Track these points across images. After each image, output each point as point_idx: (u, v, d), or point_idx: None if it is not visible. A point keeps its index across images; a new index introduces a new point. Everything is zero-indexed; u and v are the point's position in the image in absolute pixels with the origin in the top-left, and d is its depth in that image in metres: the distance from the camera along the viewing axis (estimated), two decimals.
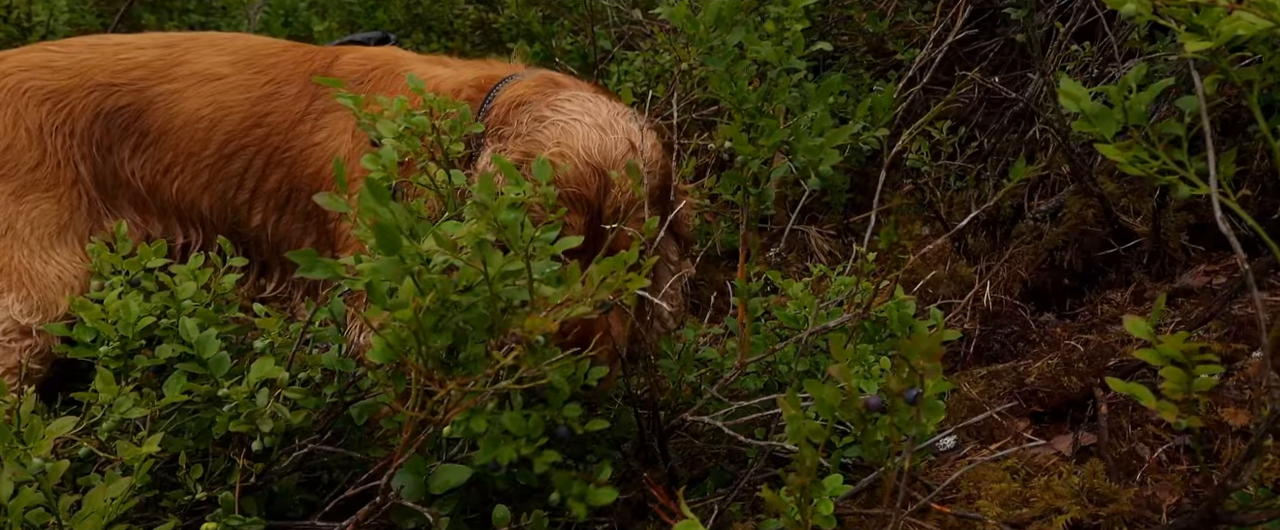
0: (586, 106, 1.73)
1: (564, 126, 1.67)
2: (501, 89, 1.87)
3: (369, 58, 2.12)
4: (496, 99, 1.85)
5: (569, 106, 1.73)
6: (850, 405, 1.26)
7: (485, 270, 1.19)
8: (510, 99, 1.83)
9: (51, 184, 1.93)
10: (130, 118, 2.01)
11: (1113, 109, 1.30)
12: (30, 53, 2.07)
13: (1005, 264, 2.53)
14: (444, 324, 1.26)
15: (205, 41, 2.15)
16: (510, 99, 1.83)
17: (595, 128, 1.67)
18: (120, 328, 1.58)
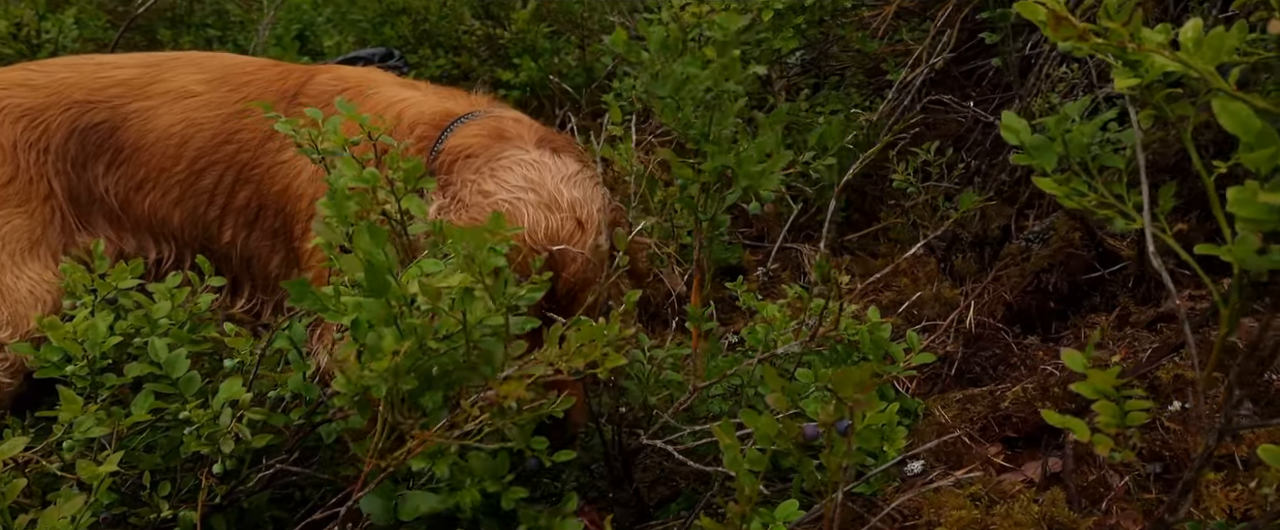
0: (530, 175, 1.73)
1: (510, 207, 1.68)
2: (454, 130, 1.88)
3: (342, 79, 2.14)
4: (446, 142, 1.86)
5: (511, 177, 1.72)
6: (786, 435, 1.26)
7: (464, 319, 1.21)
8: (458, 147, 1.83)
9: (24, 199, 1.98)
10: (105, 134, 2.05)
11: (1054, 142, 1.29)
12: (9, 72, 2.12)
13: (991, 286, 2.52)
14: (417, 367, 1.28)
15: (185, 60, 2.19)
16: (458, 147, 1.83)
17: (541, 207, 1.67)
18: (88, 347, 1.61)
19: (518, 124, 1.90)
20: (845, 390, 1.18)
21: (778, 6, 2.67)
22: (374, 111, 2.01)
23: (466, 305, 1.20)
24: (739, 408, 1.92)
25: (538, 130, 1.90)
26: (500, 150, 1.80)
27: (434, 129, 1.90)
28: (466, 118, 1.91)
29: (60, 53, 3.52)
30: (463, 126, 1.88)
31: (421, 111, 1.97)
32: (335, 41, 4.53)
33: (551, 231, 1.66)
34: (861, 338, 2.01)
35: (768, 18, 2.66)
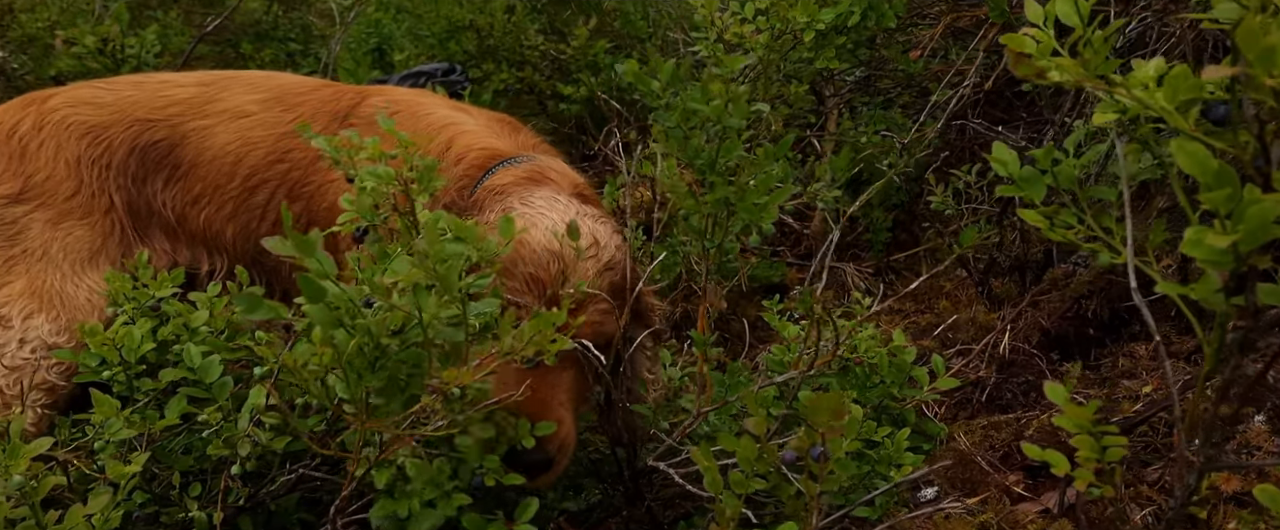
0: (554, 205, 1.79)
1: (529, 218, 1.73)
2: (495, 172, 1.93)
3: (394, 101, 2.22)
4: (485, 183, 1.92)
5: (537, 203, 1.78)
6: (766, 460, 1.28)
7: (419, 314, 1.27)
8: (494, 186, 1.89)
9: (86, 212, 2.10)
10: (164, 151, 2.17)
11: (1045, 174, 1.29)
12: (80, 89, 2.25)
13: (1029, 311, 2.47)
14: (380, 365, 1.34)
15: (242, 80, 2.30)
16: (494, 186, 1.89)
17: (559, 224, 1.72)
18: (125, 353, 1.71)
19: (557, 173, 1.95)
20: (818, 417, 1.19)
21: (819, 26, 2.67)
22: (424, 130, 2.09)
23: (421, 298, 1.25)
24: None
25: (575, 182, 1.96)
26: (533, 189, 1.86)
27: (478, 169, 1.96)
28: (511, 162, 1.96)
29: (143, 68, 3.72)
30: (505, 169, 1.94)
31: (470, 144, 2.03)
32: (405, 56, 4.67)
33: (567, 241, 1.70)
34: (880, 361, 2.00)
35: (809, 38, 2.67)
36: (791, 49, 2.84)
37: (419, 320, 1.30)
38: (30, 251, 2.05)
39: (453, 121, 2.10)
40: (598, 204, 1.93)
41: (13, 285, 2.01)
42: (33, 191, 2.10)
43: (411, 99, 2.26)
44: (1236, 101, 1.04)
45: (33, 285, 2.01)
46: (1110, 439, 1.17)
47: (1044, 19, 1.21)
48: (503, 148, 2.03)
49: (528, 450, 1.53)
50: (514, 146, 2.06)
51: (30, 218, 2.08)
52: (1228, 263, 0.94)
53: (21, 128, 2.16)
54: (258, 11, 5.09)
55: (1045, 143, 2.41)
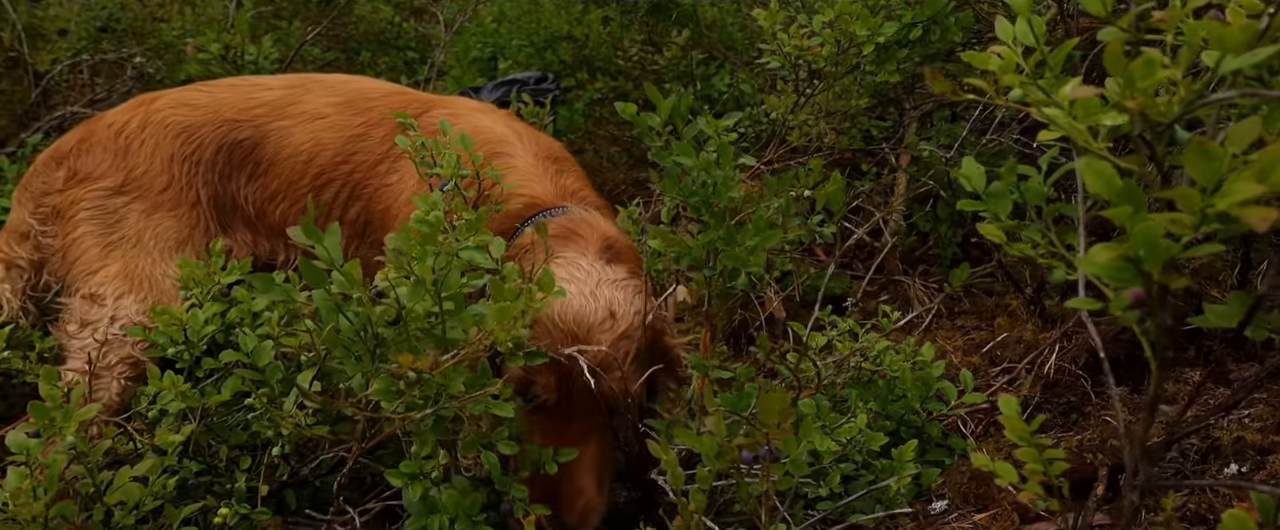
0: (577, 275, 1.85)
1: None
2: (532, 222, 2.01)
3: (455, 115, 2.34)
4: (523, 234, 2.01)
5: (560, 272, 1.84)
6: (726, 456, 1.33)
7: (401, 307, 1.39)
8: (528, 242, 1.97)
9: (175, 205, 2.32)
10: (248, 149, 2.37)
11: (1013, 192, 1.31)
12: (183, 92, 2.48)
13: (1081, 331, 2.42)
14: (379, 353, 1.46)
15: (323, 84, 2.49)
16: (528, 242, 1.97)
17: (578, 296, 1.80)
18: (189, 333, 1.90)
19: (588, 228, 2.01)
20: (767, 418, 1.24)
21: (880, 40, 2.69)
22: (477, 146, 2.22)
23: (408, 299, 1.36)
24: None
25: (605, 236, 2.01)
26: (564, 248, 1.94)
27: (516, 218, 2.07)
28: (549, 213, 2.06)
29: (260, 73, 4.02)
30: (540, 220, 2.02)
31: (516, 187, 2.12)
32: (507, 64, 4.86)
33: (582, 315, 1.78)
34: (902, 375, 2.01)
35: (868, 50, 2.68)
36: (856, 67, 2.86)
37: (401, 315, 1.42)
38: (126, 238, 2.28)
39: (501, 142, 2.22)
40: (627, 258, 1.97)
41: (109, 268, 2.24)
42: (132, 184, 2.33)
43: (471, 111, 2.39)
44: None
45: (126, 269, 2.24)
46: (1052, 452, 1.18)
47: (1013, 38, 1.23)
48: (543, 196, 2.11)
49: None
50: (555, 192, 2.14)
51: (128, 208, 2.31)
52: (1132, 280, 0.96)
53: (129, 127, 2.40)
54: (382, 21, 5.38)
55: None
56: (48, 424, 1.52)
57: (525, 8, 5.04)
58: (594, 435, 1.78)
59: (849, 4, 2.64)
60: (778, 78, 3.26)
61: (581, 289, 1.82)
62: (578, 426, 1.77)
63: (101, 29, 4.41)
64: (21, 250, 2.35)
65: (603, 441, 1.80)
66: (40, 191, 2.36)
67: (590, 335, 1.76)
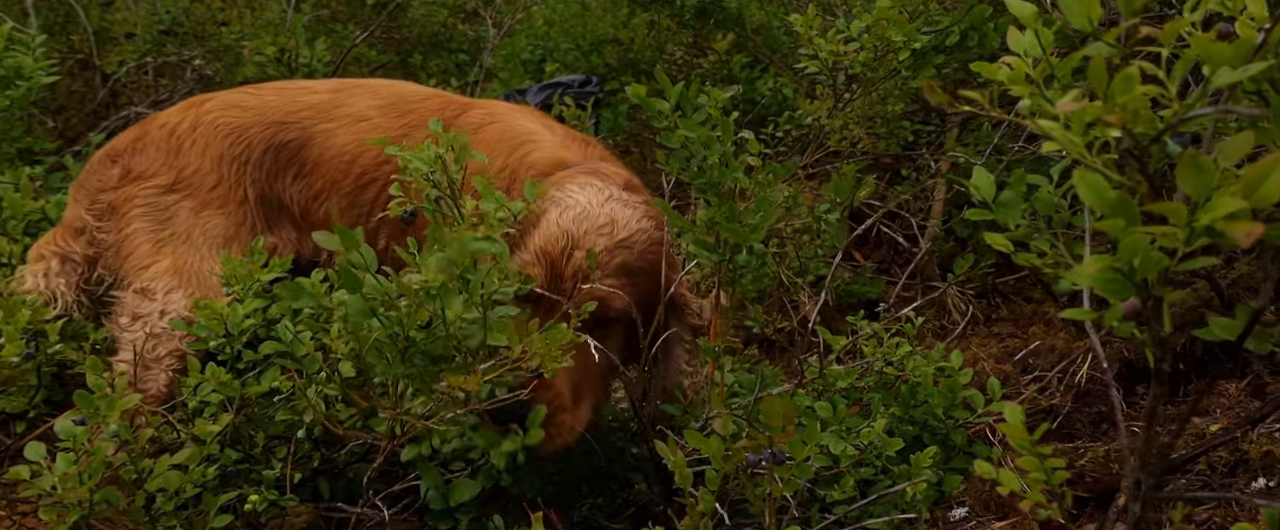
0: (586, 191, 1.91)
1: (556, 200, 1.88)
2: (556, 177, 2.06)
3: (491, 114, 2.41)
4: (551, 180, 2.05)
5: (571, 187, 1.92)
6: (733, 459, 1.36)
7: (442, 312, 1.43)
8: (553, 182, 2.03)
9: (223, 203, 2.41)
10: (294, 150, 2.45)
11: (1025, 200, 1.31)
12: (232, 94, 2.57)
13: (1115, 340, 2.39)
14: (410, 355, 1.51)
15: (366, 88, 2.56)
16: (553, 182, 2.03)
17: (578, 206, 1.85)
18: (230, 327, 1.98)
19: (613, 170, 2.08)
20: (771, 421, 1.27)
21: (916, 46, 2.68)
22: (506, 141, 2.28)
23: (445, 299, 1.40)
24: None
25: (628, 179, 2.07)
26: (575, 178, 2.00)
27: (542, 175, 2.12)
28: (571, 168, 2.11)
29: (314, 76, 4.13)
30: (565, 173, 2.09)
31: (543, 156, 2.20)
32: (554, 67, 4.92)
33: (580, 219, 1.83)
34: (924, 380, 2.02)
35: (903, 56, 2.68)
36: (894, 72, 2.85)
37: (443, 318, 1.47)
38: (176, 235, 2.38)
39: (534, 135, 2.28)
40: (642, 194, 2.02)
41: (160, 263, 2.34)
42: (183, 183, 2.43)
43: (506, 112, 2.44)
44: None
45: (176, 264, 2.33)
46: (1053, 461, 1.18)
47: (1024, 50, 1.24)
48: (569, 158, 2.18)
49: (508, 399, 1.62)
50: (581, 157, 2.20)
51: (179, 205, 2.41)
52: (1125, 291, 0.96)
53: (180, 127, 2.50)
54: (435, 24, 5.48)
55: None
56: (93, 413, 1.60)
57: (574, 11, 5.11)
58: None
59: (885, 10, 2.64)
60: (817, 83, 3.26)
61: (589, 198, 1.88)
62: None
63: (165, 32, 4.56)
64: (77, 245, 2.46)
65: (582, 350, 1.78)
66: (96, 188, 2.46)
67: (586, 238, 1.81)
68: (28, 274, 2.51)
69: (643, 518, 1.94)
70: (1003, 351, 2.67)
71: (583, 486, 1.97)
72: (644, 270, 1.88)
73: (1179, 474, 1.90)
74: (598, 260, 1.78)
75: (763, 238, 1.72)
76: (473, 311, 1.48)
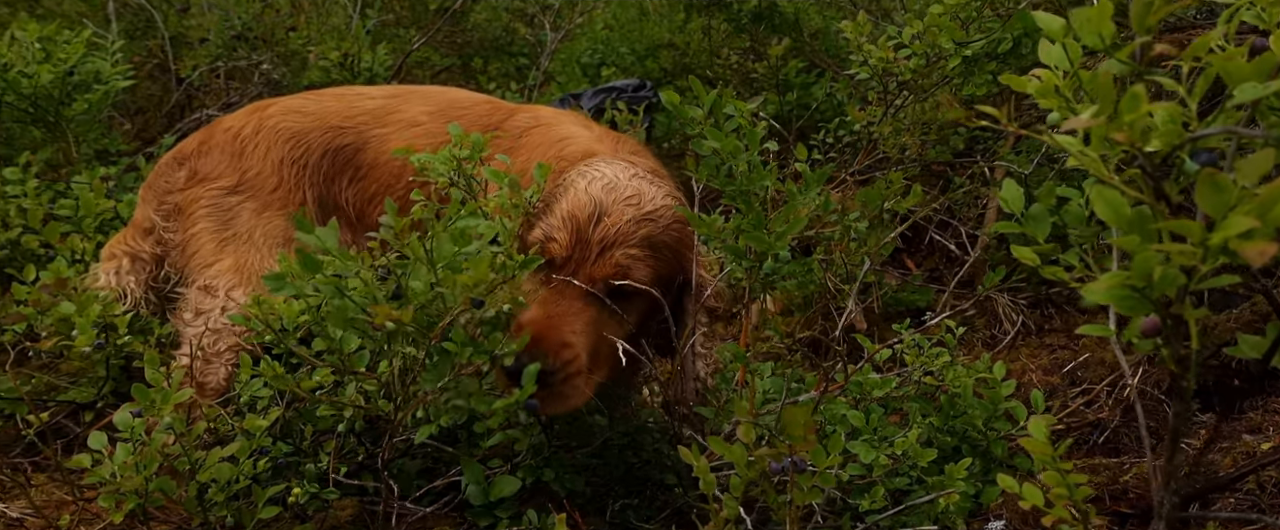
0: (614, 168, 1.96)
1: (583, 173, 1.93)
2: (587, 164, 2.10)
3: (535, 117, 2.46)
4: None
5: (598, 164, 1.97)
6: (756, 466, 1.37)
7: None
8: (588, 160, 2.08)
9: (283, 204, 2.49)
10: (350, 155, 2.52)
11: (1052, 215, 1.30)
12: (293, 100, 2.66)
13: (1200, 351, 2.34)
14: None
15: (419, 94, 2.63)
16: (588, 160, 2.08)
17: (606, 178, 1.90)
18: (286, 322, 2.04)
19: (641, 158, 2.12)
20: (792, 430, 1.28)
21: (967, 53, 2.66)
22: (547, 143, 2.33)
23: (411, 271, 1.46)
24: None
25: (654, 167, 2.10)
26: (603, 158, 2.05)
27: (571, 164, 2.16)
28: (602, 157, 2.14)
29: (375, 79, 4.23)
30: (595, 161, 2.13)
31: (576, 149, 2.25)
32: (611, 71, 4.97)
33: (608, 190, 1.87)
34: (963, 391, 2.00)
35: (954, 64, 2.66)
36: (946, 80, 2.83)
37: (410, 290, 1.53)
38: (239, 235, 2.47)
39: (571, 136, 2.32)
40: (665, 177, 2.05)
41: (223, 262, 2.43)
42: (245, 185, 2.52)
43: (548, 116, 2.49)
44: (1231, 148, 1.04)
45: (238, 263, 2.42)
46: (1074, 477, 1.17)
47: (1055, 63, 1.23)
48: (601, 150, 2.22)
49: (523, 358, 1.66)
50: (613, 149, 2.24)
51: (242, 206, 2.50)
52: (1142, 308, 0.96)
53: (244, 131, 2.59)
54: (497, 28, 5.57)
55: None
56: (149, 405, 1.68)
57: (632, 16, 5.15)
58: (594, 306, 1.82)
59: (937, 17, 2.63)
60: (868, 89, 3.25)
61: (616, 173, 1.92)
62: (581, 292, 1.83)
63: (237, 37, 4.72)
64: (145, 244, 2.57)
65: (603, 315, 1.83)
66: (164, 190, 2.57)
67: (612, 208, 1.85)
68: (100, 271, 2.63)
69: (677, 520, 1.96)
70: (1053, 363, 2.63)
71: (619, 487, 2.00)
72: (667, 246, 1.91)
73: (1227, 493, 1.86)
74: (624, 231, 1.83)
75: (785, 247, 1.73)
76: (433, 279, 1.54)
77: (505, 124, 2.47)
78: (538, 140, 2.35)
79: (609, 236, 1.83)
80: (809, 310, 2.93)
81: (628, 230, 1.84)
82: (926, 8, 2.80)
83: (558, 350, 1.74)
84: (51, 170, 3.47)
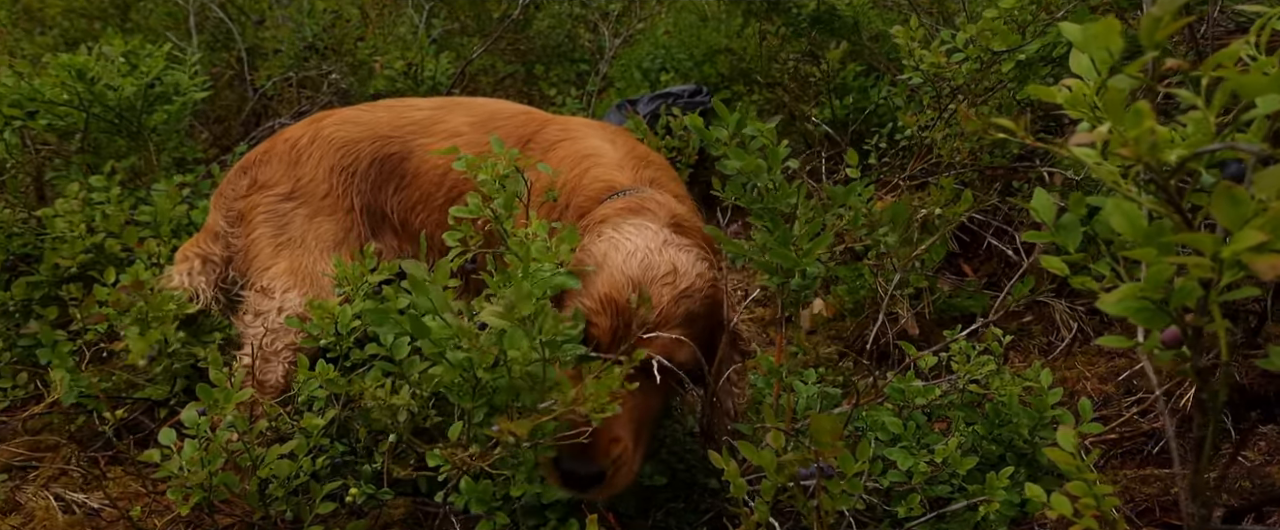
0: (643, 234, 1.92)
1: (614, 242, 1.89)
2: (606, 203, 2.12)
3: (566, 129, 2.50)
4: (599, 209, 2.12)
5: (627, 229, 1.93)
6: (785, 471, 1.39)
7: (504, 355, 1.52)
8: (598, 215, 2.08)
9: (333, 210, 2.58)
10: (396, 163, 2.60)
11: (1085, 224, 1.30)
12: (348, 110, 2.75)
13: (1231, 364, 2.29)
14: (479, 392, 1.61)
15: (464, 105, 2.69)
16: (598, 215, 2.08)
17: (640, 252, 1.86)
18: (339, 326, 2.12)
19: (657, 204, 2.08)
20: (820, 437, 1.30)
21: (1020, 57, 2.63)
22: (572, 158, 2.37)
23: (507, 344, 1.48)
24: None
25: (674, 213, 2.07)
26: (628, 218, 2.02)
27: (593, 200, 2.18)
28: (621, 194, 2.15)
29: (437, 87, 4.33)
30: (613, 200, 2.13)
31: (597, 176, 2.25)
32: (670, 76, 5.00)
33: (645, 267, 1.83)
34: (1008, 399, 1.99)
35: (1006, 68, 2.63)
36: (1000, 85, 2.80)
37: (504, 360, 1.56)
38: (293, 239, 2.57)
39: (595, 152, 2.34)
40: (693, 235, 2.02)
41: (278, 265, 2.53)
42: (300, 192, 2.61)
43: (579, 129, 2.51)
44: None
45: (292, 265, 2.52)
46: (1101, 488, 1.17)
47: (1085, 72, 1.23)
48: (620, 181, 2.22)
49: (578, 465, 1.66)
50: (633, 179, 2.23)
51: (295, 212, 2.60)
52: (1158, 319, 0.96)
53: (301, 141, 2.69)
54: (560, 34, 5.65)
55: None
56: (212, 404, 1.77)
57: (692, 22, 5.17)
58: (640, 388, 1.74)
59: (990, 21, 2.61)
60: (923, 93, 3.23)
61: (648, 244, 1.88)
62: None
63: (308, 47, 4.87)
64: (215, 247, 2.68)
65: (648, 398, 1.80)
66: (231, 197, 2.68)
67: (652, 286, 1.81)
68: (175, 272, 2.75)
69: (719, 523, 1.99)
70: (1109, 371, 2.59)
71: (664, 492, 2.03)
72: (703, 316, 1.88)
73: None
74: (666, 313, 1.80)
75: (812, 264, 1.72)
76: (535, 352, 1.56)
77: (537, 136, 2.51)
78: (564, 154, 2.38)
79: (650, 320, 1.79)
80: (860, 315, 2.92)
81: (669, 311, 1.81)
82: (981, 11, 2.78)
83: (608, 448, 1.72)
84: (135, 178, 3.63)
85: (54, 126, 3.44)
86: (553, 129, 2.50)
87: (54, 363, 2.52)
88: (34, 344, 2.78)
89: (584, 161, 2.32)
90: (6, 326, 2.86)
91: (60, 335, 2.59)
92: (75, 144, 3.55)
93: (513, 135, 2.50)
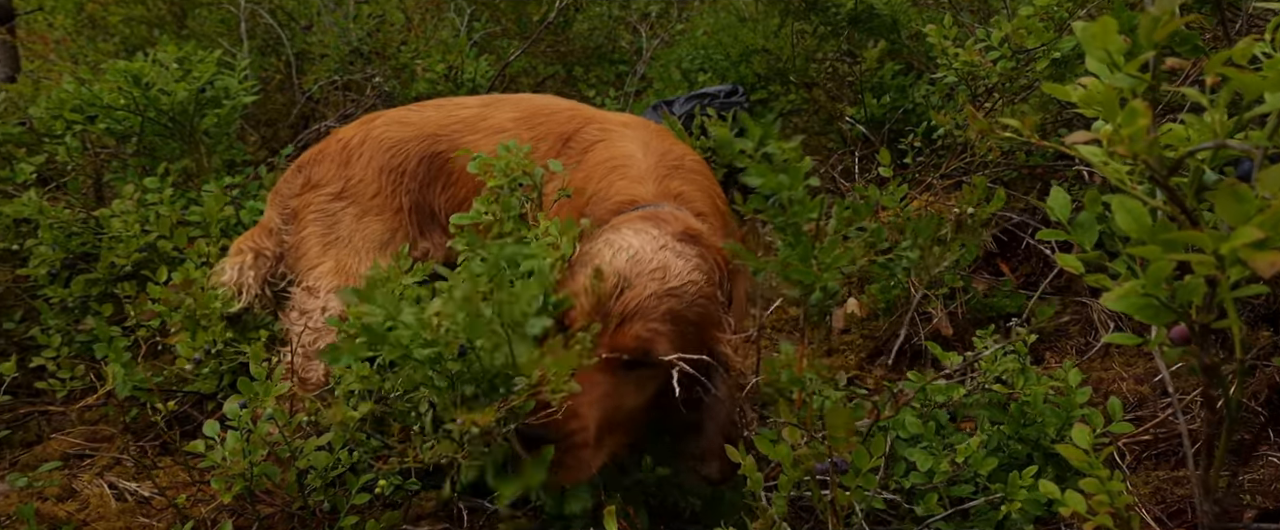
0: (641, 236, 1.90)
1: (609, 243, 1.89)
2: (624, 216, 2.09)
3: (604, 129, 2.50)
4: (614, 220, 2.09)
5: (627, 232, 1.92)
6: (802, 466, 1.41)
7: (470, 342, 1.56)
8: (614, 224, 2.05)
9: (381, 210, 2.64)
10: (443, 162, 2.65)
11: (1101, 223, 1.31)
12: (398, 111, 2.80)
13: (1269, 365, 2.26)
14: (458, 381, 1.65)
15: (510, 102, 2.73)
16: (614, 224, 2.05)
17: (632, 250, 1.85)
18: None
19: (670, 216, 2.05)
20: (834, 431, 1.32)
21: (1055, 55, 2.62)
22: (605, 161, 2.38)
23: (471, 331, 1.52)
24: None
25: (688, 226, 2.02)
26: (632, 224, 2.00)
27: (613, 212, 2.17)
28: (640, 208, 2.14)
29: (478, 89, 4.40)
30: (632, 213, 2.12)
31: (618, 189, 2.25)
32: (707, 76, 5.01)
33: (633, 262, 1.82)
34: (1033, 399, 1.98)
35: (1041, 66, 2.62)
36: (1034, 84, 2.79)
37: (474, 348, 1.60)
38: (340, 238, 2.63)
39: (627, 158, 2.34)
40: (702, 247, 1.98)
41: (325, 264, 2.60)
42: (349, 191, 2.68)
43: (617, 129, 2.52)
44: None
45: (338, 265, 2.59)
46: (1114, 484, 1.18)
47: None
48: (642, 194, 2.20)
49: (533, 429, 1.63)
50: (655, 192, 2.21)
51: (344, 212, 2.66)
52: (1158, 317, 0.97)
53: (352, 141, 2.76)
54: (599, 36, 5.70)
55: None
56: (252, 397, 1.83)
57: (730, 22, 5.19)
58: (609, 375, 1.74)
59: (1024, 20, 2.60)
60: (959, 91, 3.22)
61: (643, 245, 1.86)
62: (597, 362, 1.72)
63: (353, 51, 4.96)
64: (269, 243, 2.76)
65: (621, 391, 1.77)
66: (285, 194, 2.76)
67: (638, 280, 1.79)
68: (227, 265, 2.82)
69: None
70: (1147, 371, 2.57)
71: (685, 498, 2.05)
72: (691, 321, 1.85)
73: None
74: (646, 305, 1.78)
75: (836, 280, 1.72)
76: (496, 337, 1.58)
77: (578, 134, 2.53)
78: (598, 157, 2.39)
79: (630, 309, 1.78)
80: (893, 315, 2.92)
81: (650, 304, 1.78)
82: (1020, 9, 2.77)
83: (567, 422, 1.67)
84: (187, 179, 3.74)
85: (112, 130, 3.56)
86: (593, 128, 2.52)
87: (110, 357, 2.61)
88: (91, 339, 2.89)
89: (612, 171, 2.31)
90: (66, 322, 2.97)
91: (115, 331, 2.69)
92: (132, 147, 3.67)
93: (554, 132, 2.53)
